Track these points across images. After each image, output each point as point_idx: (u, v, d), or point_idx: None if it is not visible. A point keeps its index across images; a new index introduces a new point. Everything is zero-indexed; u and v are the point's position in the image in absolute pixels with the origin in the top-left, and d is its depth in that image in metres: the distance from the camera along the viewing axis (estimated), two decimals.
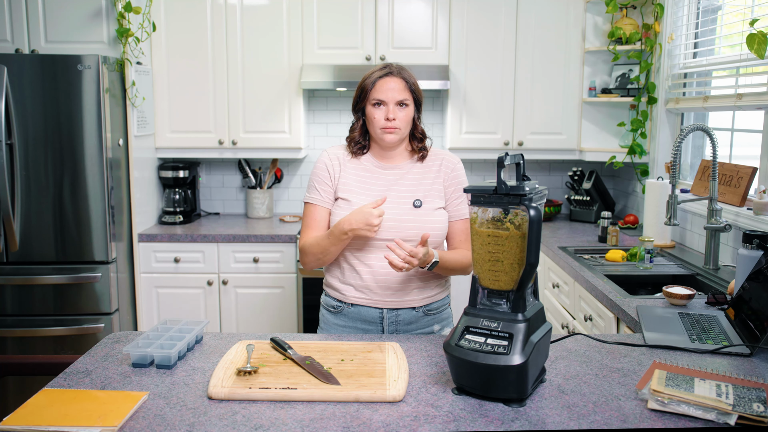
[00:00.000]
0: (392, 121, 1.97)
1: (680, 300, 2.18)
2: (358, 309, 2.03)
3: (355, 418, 1.37)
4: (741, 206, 2.75)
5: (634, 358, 1.71)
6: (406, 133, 2.04)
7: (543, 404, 1.43)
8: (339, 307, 2.06)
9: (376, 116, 1.98)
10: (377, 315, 2.02)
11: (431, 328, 2.08)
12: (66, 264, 3.29)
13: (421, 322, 2.06)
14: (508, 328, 1.43)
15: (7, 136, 3.16)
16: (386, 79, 1.99)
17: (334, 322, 2.07)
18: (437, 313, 2.09)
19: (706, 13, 3.27)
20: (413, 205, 1.99)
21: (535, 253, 1.41)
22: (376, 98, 1.98)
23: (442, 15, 3.73)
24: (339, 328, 2.07)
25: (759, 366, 1.67)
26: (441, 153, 2.10)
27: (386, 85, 1.98)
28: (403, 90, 1.99)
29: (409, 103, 2.00)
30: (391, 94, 1.97)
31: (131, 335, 1.89)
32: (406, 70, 2.05)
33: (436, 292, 2.08)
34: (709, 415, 1.35)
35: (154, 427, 1.33)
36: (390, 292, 2.00)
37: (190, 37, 3.72)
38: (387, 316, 2.02)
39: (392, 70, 2.01)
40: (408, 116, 2.00)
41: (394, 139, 1.99)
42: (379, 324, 2.03)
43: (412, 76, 2.04)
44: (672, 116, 3.55)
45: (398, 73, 2.01)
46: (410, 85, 2.01)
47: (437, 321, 2.10)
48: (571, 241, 3.41)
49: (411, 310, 2.03)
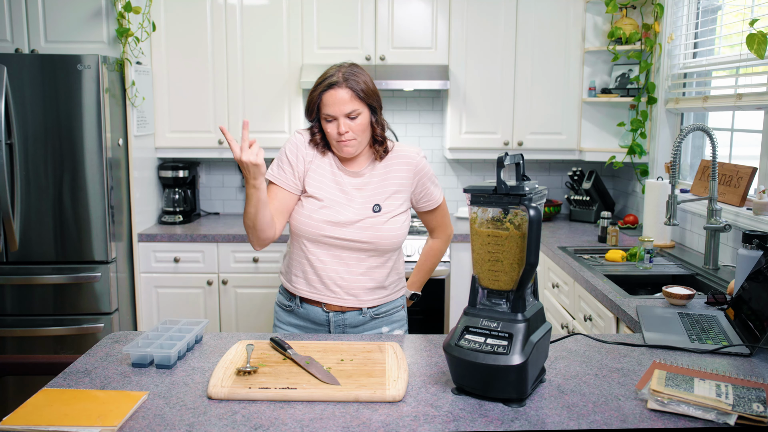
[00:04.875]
0: (345, 134, 1.90)
1: (680, 300, 2.18)
2: (306, 309, 2.04)
3: (354, 417, 1.37)
4: (741, 206, 2.75)
5: (633, 358, 1.71)
6: (366, 140, 1.97)
7: (543, 404, 1.43)
8: (290, 306, 2.08)
9: (329, 131, 1.93)
10: (324, 317, 2.03)
11: (380, 330, 2.08)
12: (66, 264, 3.29)
13: (368, 324, 2.06)
14: (508, 328, 1.43)
15: (7, 135, 3.16)
16: (331, 92, 1.89)
17: (287, 319, 2.10)
18: (386, 315, 2.08)
19: (706, 13, 3.26)
20: (372, 209, 1.98)
21: (535, 253, 1.41)
22: (325, 113, 1.91)
23: (441, 15, 3.73)
24: (291, 327, 2.09)
25: (759, 366, 1.67)
26: (403, 152, 2.04)
27: (332, 99, 1.89)
28: (351, 100, 1.89)
29: (361, 111, 1.91)
30: (338, 108, 1.88)
31: (131, 335, 1.89)
32: (355, 74, 1.92)
33: (384, 295, 2.06)
34: (708, 415, 1.35)
35: (153, 426, 1.33)
36: (340, 291, 2.00)
37: (190, 36, 3.72)
38: (333, 319, 2.03)
39: (337, 80, 1.89)
40: (362, 124, 1.92)
41: (351, 151, 1.94)
42: (326, 325, 2.04)
43: (360, 80, 1.91)
44: (672, 116, 3.55)
45: (344, 83, 1.89)
46: (358, 92, 1.89)
47: (386, 323, 2.08)
48: (570, 241, 3.41)
49: (358, 314, 2.03)
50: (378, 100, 1.98)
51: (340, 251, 1.98)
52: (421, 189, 2.06)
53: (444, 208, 2.17)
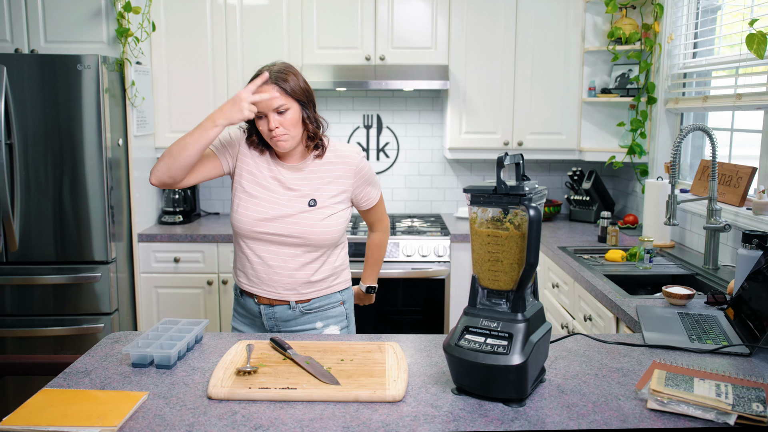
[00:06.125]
0: (276, 129, 1.93)
1: (680, 300, 2.18)
2: (245, 301, 2.12)
3: (354, 418, 1.37)
4: (740, 206, 2.75)
5: (633, 357, 1.71)
6: (299, 135, 1.98)
7: (542, 404, 1.43)
8: (236, 298, 2.17)
9: (261, 128, 1.96)
10: (256, 309, 2.09)
11: (313, 325, 2.10)
12: (66, 264, 3.29)
13: (300, 319, 2.08)
14: (508, 328, 1.43)
15: (7, 135, 3.16)
16: (259, 90, 1.92)
17: (237, 310, 2.18)
18: (320, 311, 2.10)
19: (706, 13, 3.26)
20: (308, 204, 2.01)
21: (535, 253, 1.41)
22: (256, 111, 1.94)
23: (441, 15, 3.73)
24: (238, 316, 2.18)
25: (758, 366, 1.67)
26: (344, 152, 2.07)
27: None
28: (279, 97, 1.91)
29: (290, 107, 1.93)
30: (267, 104, 1.90)
31: (131, 335, 1.89)
32: (285, 71, 1.95)
33: (317, 289, 2.08)
34: (708, 415, 1.35)
35: (153, 427, 1.33)
36: (276, 285, 2.04)
37: (190, 36, 3.72)
38: (264, 312, 2.08)
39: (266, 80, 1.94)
40: (293, 119, 1.94)
41: (285, 146, 1.96)
42: (259, 318, 2.10)
43: (289, 78, 1.94)
44: (671, 116, 3.55)
45: (272, 80, 1.92)
46: (285, 88, 1.92)
47: (321, 319, 2.10)
48: (570, 241, 3.41)
49: (286, 308, 2.06)
50: (309, 97, 1.99)
51: (275, 246, 2.02)
52: (361, 189, 2.10)
53: (381, 204, 2.23)
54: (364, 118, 4.19)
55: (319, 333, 2.07)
